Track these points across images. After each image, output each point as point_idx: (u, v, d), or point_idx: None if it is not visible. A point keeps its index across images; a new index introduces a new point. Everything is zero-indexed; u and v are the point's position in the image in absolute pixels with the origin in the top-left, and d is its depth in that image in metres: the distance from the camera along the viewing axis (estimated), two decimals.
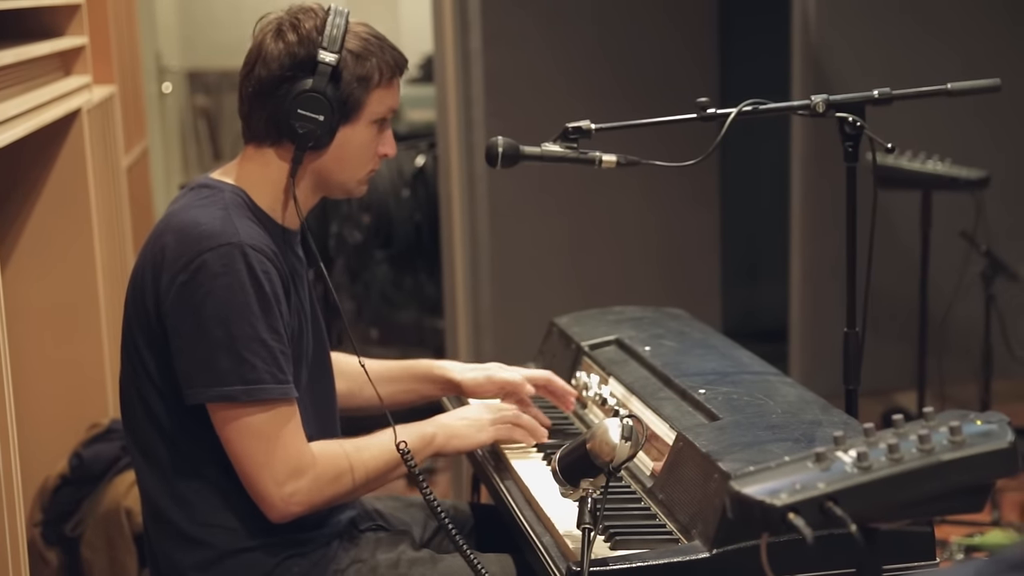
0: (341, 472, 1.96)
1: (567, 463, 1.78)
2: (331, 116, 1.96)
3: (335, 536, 2.07)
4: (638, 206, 4.75)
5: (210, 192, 1.98)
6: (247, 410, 1.89)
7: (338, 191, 2.09)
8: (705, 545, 1.73)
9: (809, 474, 1.37)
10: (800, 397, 2.11)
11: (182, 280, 1.89)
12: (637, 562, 1.72)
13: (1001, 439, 1.37)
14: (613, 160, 2.20)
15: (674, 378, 2.20)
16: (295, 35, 1.96)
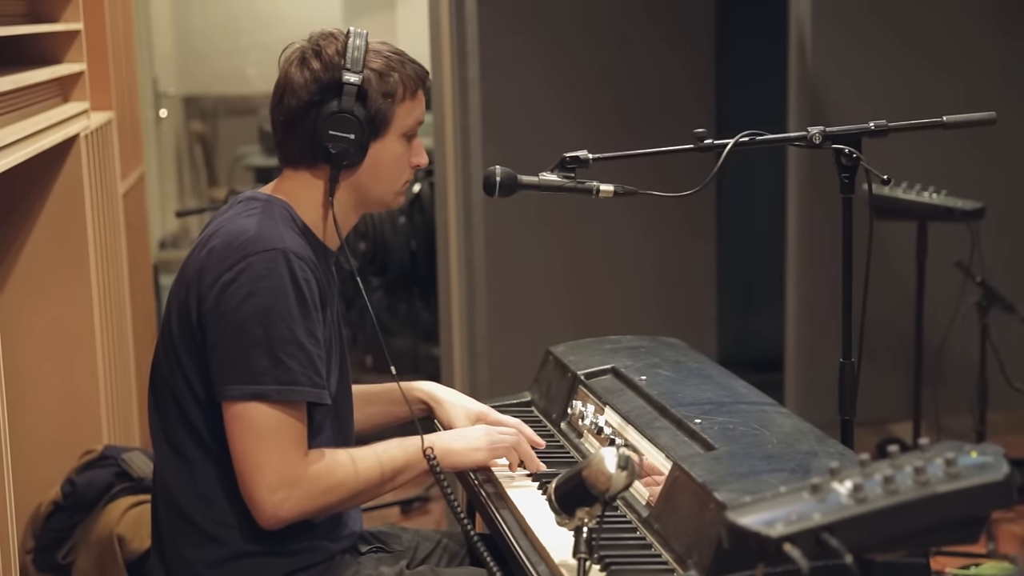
0: (340, 482, 2.00)
1: (563, 492, 1.78)
2: (361, 134, 2.04)
3: (344, 550, 2.11)
4: (634, 235, 4.75)
5: (259, 204, 2.07)
6: (266, 411, 1.94)
7: (376, 205, 2.18)
8: (701, 575, 1.73)
9: (805, 505, 1.37)
10: (796, 427, 2.11)
11: (226, 280, 1.96)
12: None
13: (997, 471, 1.37)
14: (611, 190, 2.21)
15: (670, 408, 2.20)
16: (318, 62, 2.04)
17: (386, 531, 2.28)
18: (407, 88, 2.08)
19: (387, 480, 2.04)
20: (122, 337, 3.51)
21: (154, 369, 2.10)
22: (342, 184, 2.08)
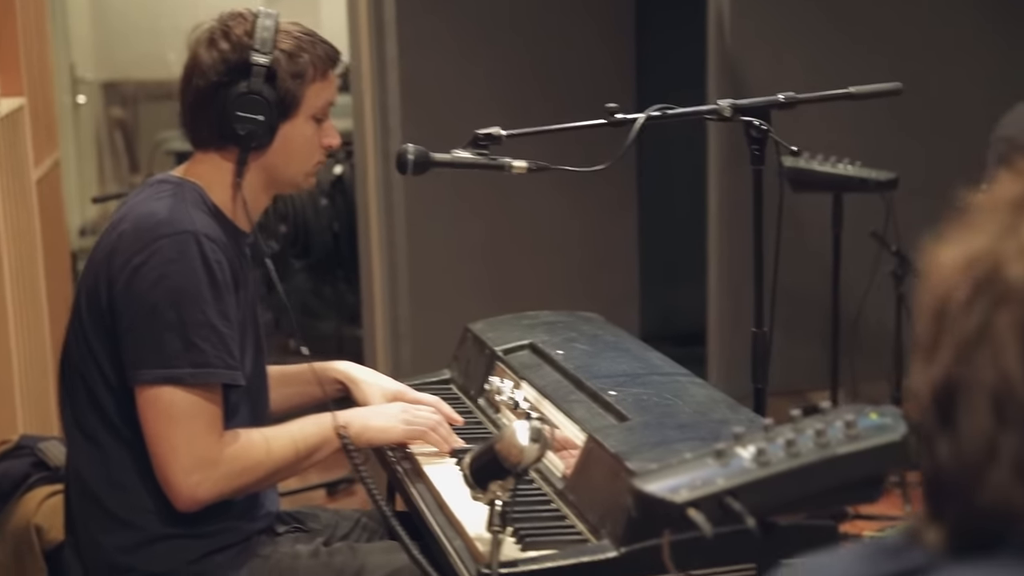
0: (256, 462, 2.00)
1: (477, 466, 1.79)
2: (270, 115, 2.03)
3: (260, 531, 2.10)
4: (556, 211, 4.77)
5: (170, 187, 2.05)
6: (180, 394, 1.93)
7: (287, 186, 2.18)
8: (613, 544, 1.75)
9: (709, 470, 1.39)
10: (709, 397, 2.14)
11: (136, 263, 1.94)
12: (546, 563, 1.73)
13: (895, 432, 1.40)
14: (524, 166, 2.22)
15: (586, 381, 2.22)
16: (227, 42, 2.02)
17: (304, 511, 2.29)
18: (317, 69, 2.06)
19: (303, 458, 2.04)
20: (37, 326, 3.47)
21: (64, 355, 2.08)
22: (252, 166, 2.06)
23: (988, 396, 0.83)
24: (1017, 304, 0.83)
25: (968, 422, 0.85)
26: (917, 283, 0.91)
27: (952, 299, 0.87)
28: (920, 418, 0.89)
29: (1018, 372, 0.82)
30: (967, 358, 0.85)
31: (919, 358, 0.90)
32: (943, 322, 0.87)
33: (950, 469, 0.86)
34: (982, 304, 0.85)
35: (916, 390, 0.89)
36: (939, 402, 0.87)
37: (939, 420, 0.87)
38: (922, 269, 0.90)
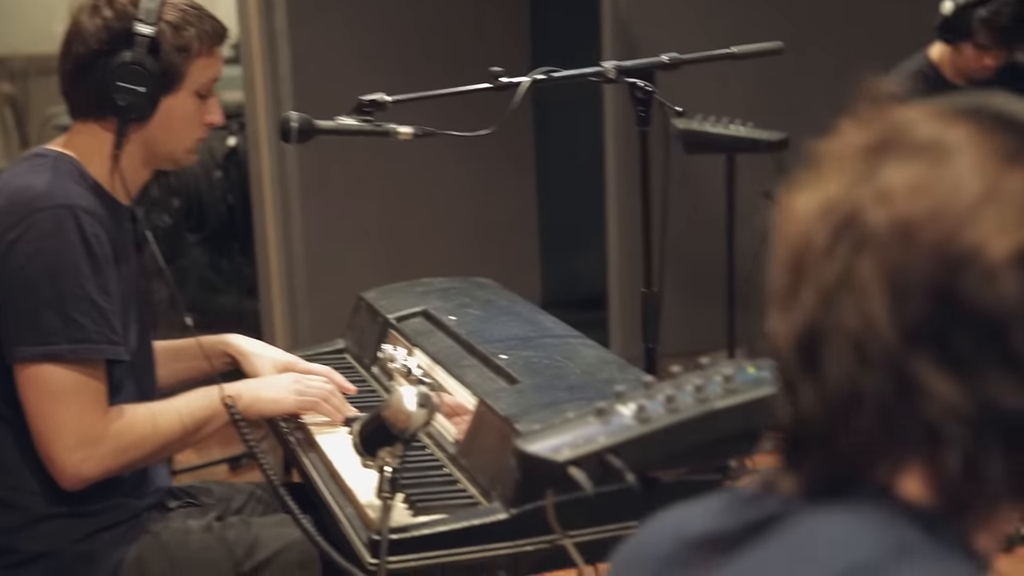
0: (142, 437, 1.97)
1: (366, 434, 1.79)
2: (152, 87, 1.99)
3: (150, 507, 2.08)
4: (453, 178, 4.76)
5: (46, 160, 2.01)
6: (60, 371, 1.90)
7: (167, 162, 2.14)
8: (504, 506, 1.75)
9: (591, 429, 1.40)
10: (599, 358, 2.15)
11: (11, 238, 1.90)
12: (436, 527, 1.73)
13: (772, 385, 1.42)
14: (409, 132, 2.20)
15: (477, 345, 2.22)
16: (111, 10, 1.98)
17: (197, 486, 2.27)
18: (203, 44, 2.03)
19: (190, 433, 2.02)
20: None
21: None
22: (131, 138, 2.02)
23: (852, 341, 0.84)
24: (878, 249, 0.84)
25: (832, 367, 0.85)
26: (772, 230, 0.91)
27: (811, 246, 0.87)
28: (780, 366, 0.89)
29: (882, 316, 0.83)
30: (830, 305, 0.85)
31: (776, 306, 0.90)
32: (802, 269, 0.87)
33: (813, 415, 0.87)
34: (843, 251, 0.85)
35: (775, 338, 0.90)
36: (801, 349, 0.87)
37: (802, 367, 0.87)
38: (775, 217, 0.91)
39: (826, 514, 0.85)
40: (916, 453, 0.85)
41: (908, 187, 0.84)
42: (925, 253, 0.82)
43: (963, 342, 0.82)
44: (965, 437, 0.82)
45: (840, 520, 0.84)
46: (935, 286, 0.82)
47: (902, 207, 0.84)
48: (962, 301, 0.82)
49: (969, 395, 0.82)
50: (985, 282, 0.81)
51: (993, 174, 0.83)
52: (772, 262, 0.91)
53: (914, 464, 0.85)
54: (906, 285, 0.83)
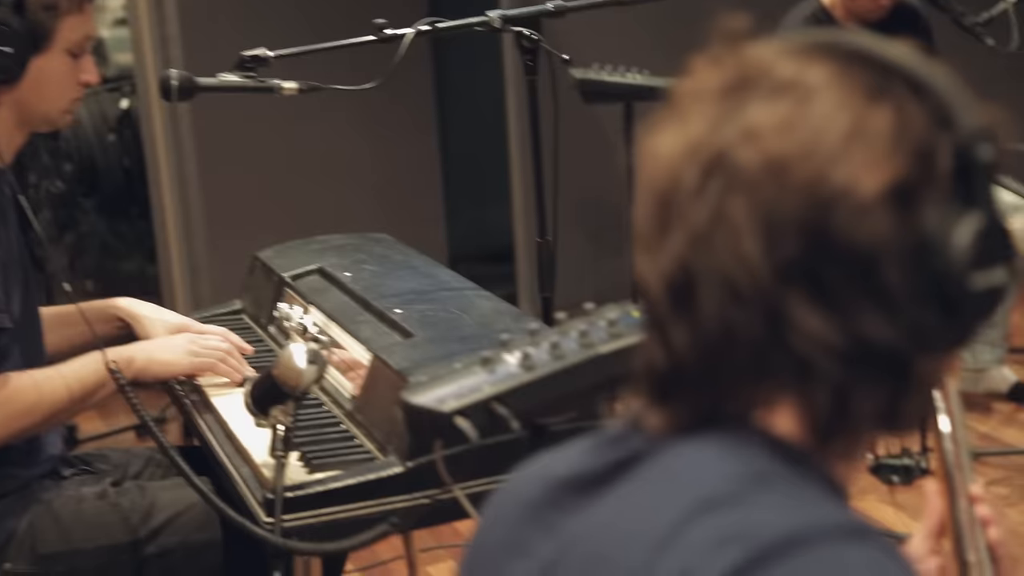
0: (29, 406, 1.94)
1: (258, 393, 1.77)
2: (20, 47, 1.93)
3: (42, 476, 2.05)
4: (353, 135, 4.71)
5: None
6: None
7: (42, 123, 2.08)
8: (400, 460, 1.75)
9: (477, 378, 1.40)
10: (494, 309, 2.15)
11: None
12: (331, 483, 1.73)
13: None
14: (294, 87, 2.18)
15: (373, 301, 2.21)
16: None
17: (93, 453, 2.24)
18: (72, 1, 1.97)
19: (79, 399, 1.98)
20: None
21: None
22: (3, 101, 1.97)
23: (725, 280, 0.84)
24: (750, 189, 0.84)
25: (705, 307, 0.85)
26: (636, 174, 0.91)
27: (679, 187, 0.86)
28: (650, 307, 0.89)
29: (755, 255, 0.83)
30: (701, 245, 0.85)
31: (643, 248, 0.90)
32: (670, 210, 0.87)
33: (685, 354, 0.87)
34: (713, 191, 0.85)
35: (643, 280, 0.89)
36: (672, 290, 0.87)
37: (673, 308, 0.87)
38: (637, 159, 0.90)
39: (688, 450, 0.86)
40: (787, 389, 0.86)
41: (775, 126, 0.84)
42: (797, 191, 0.83)
43: (835, 279, 0.83)
44: (836, 372, 0.84)
45: (700, 455, 0.85)
46: (807, 224, 0.83)
47: (771, 145, 0.84)
48: (834, 238, 0.82)
49: (840, 331, 0.83)
50: (856, 219, 0.82)
51: (858, 111, 0.84)
52: (637, 204, 0.90)
53: (785, 400, 0.86)
54: (778, 224, 0.83)
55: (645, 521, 0.83)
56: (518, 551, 0.91)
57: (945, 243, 0.83)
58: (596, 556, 0.85)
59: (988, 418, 4.09)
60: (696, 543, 0.79)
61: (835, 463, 0.88)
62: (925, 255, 0.83)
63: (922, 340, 0.85)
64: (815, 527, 0.79)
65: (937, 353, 0.88)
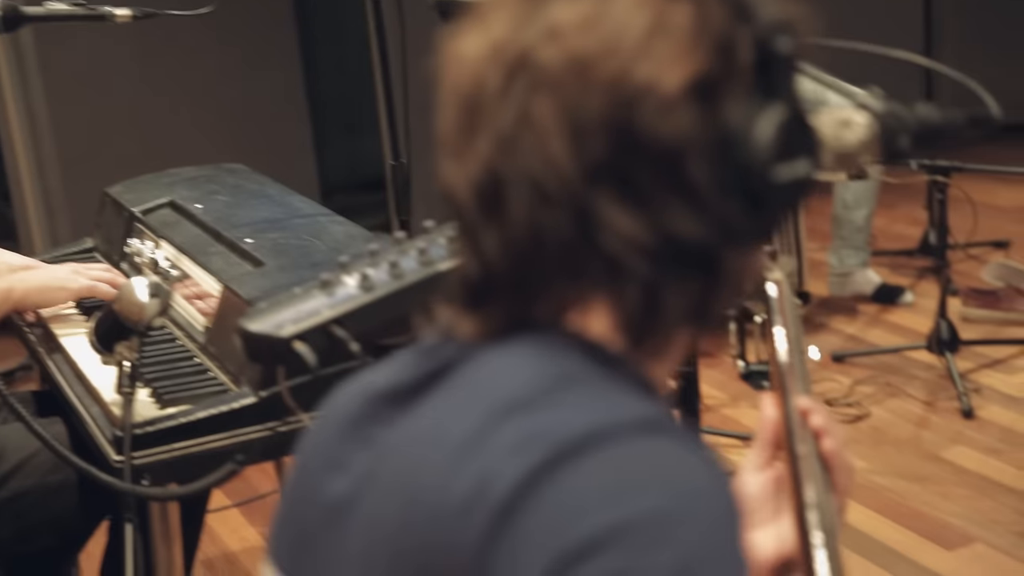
0: None
1: (101, 330, 1.73)
2: None
3: None
4: (214, 69, 4.61)
5: None
6: None
7: None
8: (252, 390, 1.73)
9: (316, 302, 1.38)
10: (347, 234, 2.12)
11: None
12: (182, 418, 1.70)
13: None
14: (128, 14, 2.11)
15: (224, 232, 2.17)
16: None
17: None
18: None
19: None
20: None
21: None
22: None
23: (533, 183, 0.83)
24: (554, 89, 0.83)
25: (514, 211, 0.84)
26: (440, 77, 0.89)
27: (484, 90, 0.85)
28: (459, 214, 0.88)
29: (562, 156, 0.82)
30: (509, 148, 0.84)
31: (450, 154, 0.88)
32: (476, 114, 0.85)
33: (496, 260, 0.86)
34: (518, 92, 0.84)
35: (449, 187, 0.88)
36: (480, 195, 0.86)
37: (482, 213, 0.86)
38: (439, 62, 0.89)
39: (497, 355, 0.86)
40: (598, 290, 0.86)
41: (577, 24, 0.83)
42: (601, 89, 0.82)
43: (642, 176, 0.82)
44: (646, 270, 0.83)
45: (508, 359, 0.85)
46: (613, 122, 0.82)
47: (574, 43, 0.83)
48: (639, 136, 0.82)
49: (650, 228, 0.83)
50: (660, 115, 0.82)
51: (658, 7, 0.83)
52: (441, 109, 0.88)
53: (597, 301, 0.86)
54: (584, 123, 0.82)
55: (451, 428, 0.82)
56: (336, 467, 0.91)
57: (748, 136, 0.83)
58: (406, 465, 0.84)
59: (854, 320, 4.18)
60: (497, 446, 0.79)
61: (649, 363, 0.88)
62: (729, 149, 0.83)
63: (730, 234, 0.85)
64: (613, 423, 0.80)
65: (745, 247, 0.88)
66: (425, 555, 0.80)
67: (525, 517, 0.76)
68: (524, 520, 0.76)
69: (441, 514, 0.79)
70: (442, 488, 0.80)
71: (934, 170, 3.59)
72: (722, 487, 0.80)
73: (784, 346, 1.27)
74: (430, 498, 0.81)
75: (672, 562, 0.74)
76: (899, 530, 2.89)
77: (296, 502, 0.95)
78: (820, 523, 1.09)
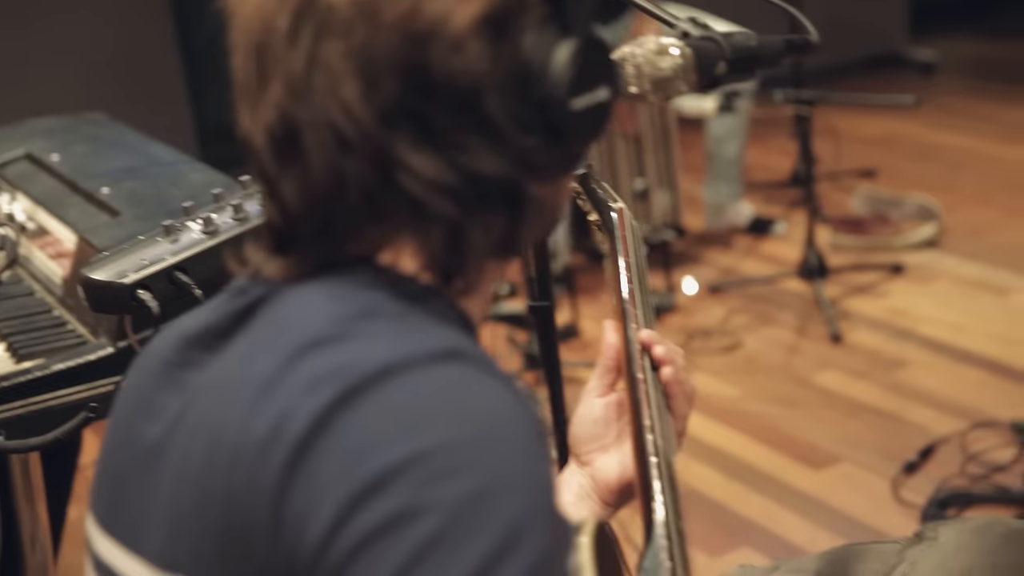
0: None
1: None
2: None
3: None
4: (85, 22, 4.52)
5: None
6: None
7: None
8: (110, 341, 1.71)
9: (159, 248, 1.38)
10: (206, 180, 2.09)
11: None
12: (37, 372, 1.68)
13: None
14: None
15: (80, 182, 2.13)
16: None
17: None
18: None
19: None
20: None
21: None
22: None
23: (329, 128, 0.82)
24: (343, 32, 0.82)
25: (312, 157, 0.83)
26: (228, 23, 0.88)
27: (273, 34, 0.83)
28: (256, 161, 0.87)
29: (356, 101, 0.82)
30: (302, 94, 0.83)
31: (244, 101, 0.87)
32: (266, 60, 0.84)
33: (297, 206, 0.85)
34: (306, 36, 0.82)
35: (246, 134, 0.87)
36: (276, 142, 0.85)
37: (279, 160, 0.85)
38: (226, 6, 0.88)
39: (302, 294, 0.86)
40: (404, 230, 0.85)
41: None
42: (390, 30, 0.81)
43: (439, 116, 0.82)
44: (449, 209, 0.83)
45: (310, 298, 0.85)
46: (404, 63, 0.81)
47: None
48: (432, 75, 0.81)
49: (450, 168, 0.83)
50: (453, 53, 0.81)
51: None
52: (233, 55, 0.87)
53: (404, 240, 0.86)
54: (375, 65, 0.81)
55: (253, 368, 0.82)
56: (150, 413, 0.90)
57: (544, 70, 0.83)
58: (211, 407, 0.84)
59: (729, 252, 4.26)
60: (295, 384, 0.79)
61: (462, 297, 0.89)
62: (526, 83, 0.83)
63: (531, 168, 0.85)
64: (409, 354, 0.79)
65: (549, 179, 0.89)
66: (228, 496, 0.80)
67: (317, 455, 0.76)
68: (317, 458, 0.76)
69: (242, 454, 0.79)
70: (242, 428, 0.80)
71: (798, 102, 3.66)
72: (519, 413, 0.79)
73: (625, 275, 1.30)
74: (232, 439, 0.80)
75: (466, 489, 0.73)
76: (769, 453, 2.98)
77: (112, 452, 0.94)
78: (656, 446, 1.13)
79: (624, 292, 1.26)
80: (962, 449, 2.86)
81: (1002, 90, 5.87)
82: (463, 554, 0.72)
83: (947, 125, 5.41)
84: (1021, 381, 3.17)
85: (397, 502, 0.73)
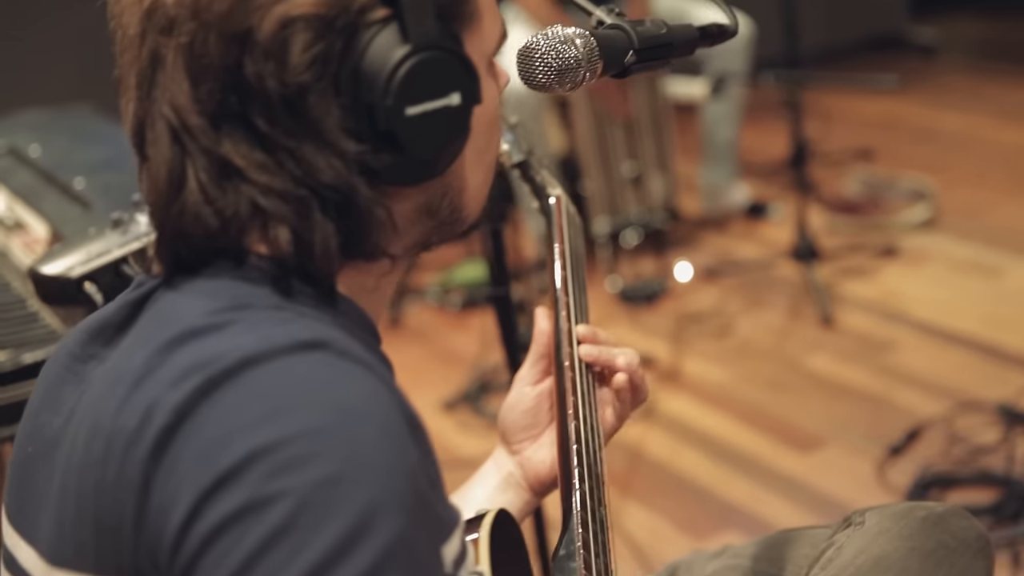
0: None
1: None
2: None
3: None
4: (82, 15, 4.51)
5: None
6: None
7: None
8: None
9: (107, 241, 1.39)
10: None
11: None
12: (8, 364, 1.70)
13: None
14: None
15: (57, 175, 2.16)
16: None
17: None
18: None
19: None
20: None
21: None
22: None
23: (167, 127, 0.85)
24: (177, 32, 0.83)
25: (156, 154, 0.86)
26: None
27: (128, 32, 0.87)
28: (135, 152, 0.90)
29: (186, 102, 0.83)
30: (146, 92, 0.86)
31: (122, 93, 0.90)
32: (127, 57, 0.88)
33: (152, 201, 0.88)
34: (151, 35, 0.85)
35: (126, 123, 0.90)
36: (136, 136, 0.88)
37: (138, 153, 0.89)
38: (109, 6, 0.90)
39: (183, 287, 0.87)
40: (254, 229, 0.86)
41: None
42: (212, 30, 0.82)
43: (264, 121, 0.83)
44: (285, 211, 0.84)
45: (190, 291, 0.87)
46: (227, 67, 0.82)
47: None
48: (251, 79, 0.82)
49: (284, 173, 0.83)
50: (266, 56, 0.82)
51: None
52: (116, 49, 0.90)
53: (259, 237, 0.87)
54: (202, 68, 0.83)
55: (131, 361, 0.83)
56: (53, 406, 0.92)
57: (374, 76, 0.83)
58: (95, 399, 0.86)
59: (725, 235, 4.26)
60: (163, 377, 0.80)
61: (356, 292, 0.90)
62: (356, 89, 0.83)
63: (372, 174, 0.85)
64: (273, 345, 0.79)
65: (397, 184, 0.88)
66: (101, 489, 0.80)
67: (178, 446, 0.76)
68: (178, 450, 0.76)
69: (113, 447, 0.80)
70: (114, 421, 0.81)
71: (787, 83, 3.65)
72: (384, 402, 0.79)
73: (558, 261, 1.32)
74: (106, 432, 0.81)
75: (317, 477, 0.73)
76: (756, 437, 2.99)
77: (21, 445, 0.95)
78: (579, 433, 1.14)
79: (557, 280, 1.27)
80: (948, 431, 2.87)
81: (1004, 71, 5.85)
82: (312, 541, 0.71)
83: (947, 106, 5.39)
84: (1010, 362, 3.17)
85: (247, 492, 0.73)
